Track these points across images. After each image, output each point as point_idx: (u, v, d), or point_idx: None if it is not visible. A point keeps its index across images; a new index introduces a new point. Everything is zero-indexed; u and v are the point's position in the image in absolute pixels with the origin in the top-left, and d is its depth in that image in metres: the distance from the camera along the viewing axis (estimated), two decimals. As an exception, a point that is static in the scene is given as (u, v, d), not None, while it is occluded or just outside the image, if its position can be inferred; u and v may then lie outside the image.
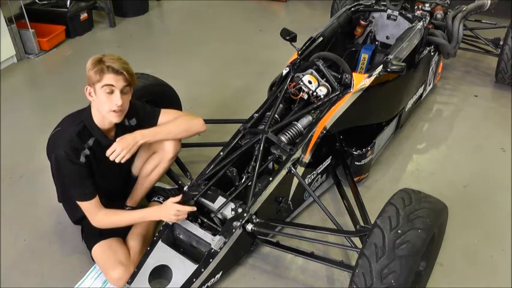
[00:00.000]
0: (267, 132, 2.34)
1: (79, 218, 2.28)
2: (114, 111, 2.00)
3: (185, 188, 2.25)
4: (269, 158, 2.34)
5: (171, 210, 2.06)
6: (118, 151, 2.07)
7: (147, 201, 2.53)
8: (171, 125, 2.28)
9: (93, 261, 2.23)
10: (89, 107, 2.09)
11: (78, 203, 2.09)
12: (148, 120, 2.27)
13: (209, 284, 2.08)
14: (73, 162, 2.00)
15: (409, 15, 3.12)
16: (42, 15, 4.66)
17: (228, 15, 5.44)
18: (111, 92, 1.97)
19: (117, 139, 2.10)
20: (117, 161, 2.08)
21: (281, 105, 2.58)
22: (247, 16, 5.44)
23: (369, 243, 1.71)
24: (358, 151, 2.63)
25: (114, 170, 2.21)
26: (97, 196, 2.09)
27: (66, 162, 2.00)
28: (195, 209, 2.13)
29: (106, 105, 1.98)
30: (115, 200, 2.31)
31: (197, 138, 2.59)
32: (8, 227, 2.54)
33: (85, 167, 2.05)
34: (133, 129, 2.16)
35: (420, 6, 3.26)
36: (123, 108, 2.03)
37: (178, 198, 2.13)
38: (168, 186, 2.63)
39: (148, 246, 2.14)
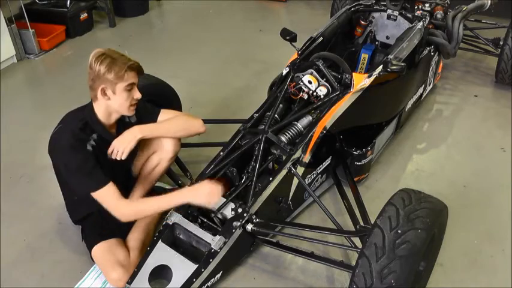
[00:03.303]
0: (267, 132, 2.34)
1: (80, 218, 2.29)
2: (133, 105, 2.08)
3: (185, 188, 2.25)
4: (269, 158, 2.34)
5: (209, 191, 2.03)
6: (117, 147, 2.08)
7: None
8: (170, 122, 2.28)
9: (93, 261, 2.23)
10: (91, 104, 2.09)
11: (94, 195, 1.99)
12: (148, 118, 2.27)
13: (209, 284, 2.08)
14: (79, 151, 1.98)
15: (409, 15, 3.12)
16: (42, 15, 4.66)
17: (228, 15, 5.44)
18: (131, 89, 2.03)
19: (116, 139, 2.10)
20: (118, 158, 2.08)
21: (281, 105, 2.58)
22: (247, 16, 5.44)
23: (369, 243, 1.71)
24: (358, 151, 2.62)
25: (117, 166, 2.19)
26: (111, 182, 2.00)
27: (73, 153, 1.97)
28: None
29: (127, 102, 2.05)
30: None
31: (197, 138, 2.59)
32: (8, 227, 2.54)
33: (92, 155, 2.02)
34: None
35: (420, 6, 3.26)
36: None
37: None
38: (168, 186, 2.63)
39: (148, 246, 2.14)
